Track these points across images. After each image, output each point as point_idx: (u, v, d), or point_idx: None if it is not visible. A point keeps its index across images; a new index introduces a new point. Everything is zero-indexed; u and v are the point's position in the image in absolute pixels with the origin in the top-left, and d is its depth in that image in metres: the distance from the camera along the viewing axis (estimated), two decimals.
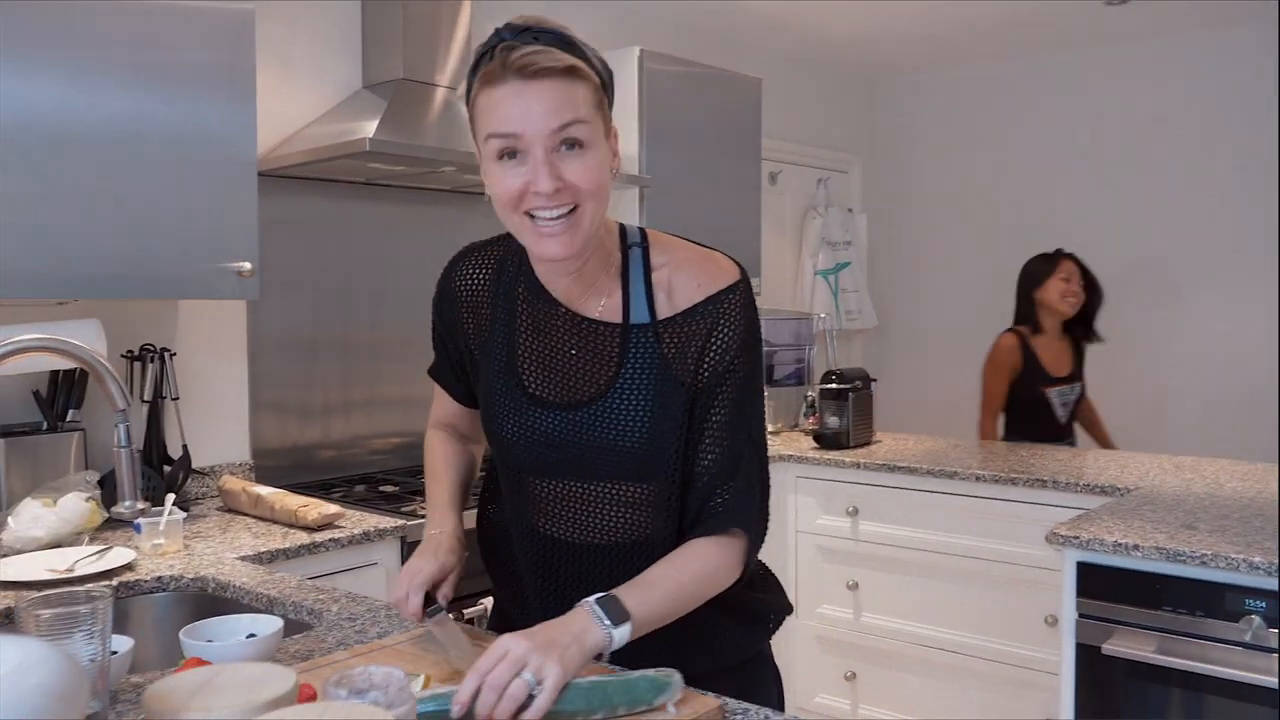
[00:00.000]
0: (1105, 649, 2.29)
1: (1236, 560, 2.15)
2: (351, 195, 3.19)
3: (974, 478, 3.16)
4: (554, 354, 1.43)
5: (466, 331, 1.53)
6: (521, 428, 1.42)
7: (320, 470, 3.10)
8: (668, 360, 1.38)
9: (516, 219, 1.32)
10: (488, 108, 1.29)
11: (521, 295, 1.46)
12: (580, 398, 1.40)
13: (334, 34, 3.15)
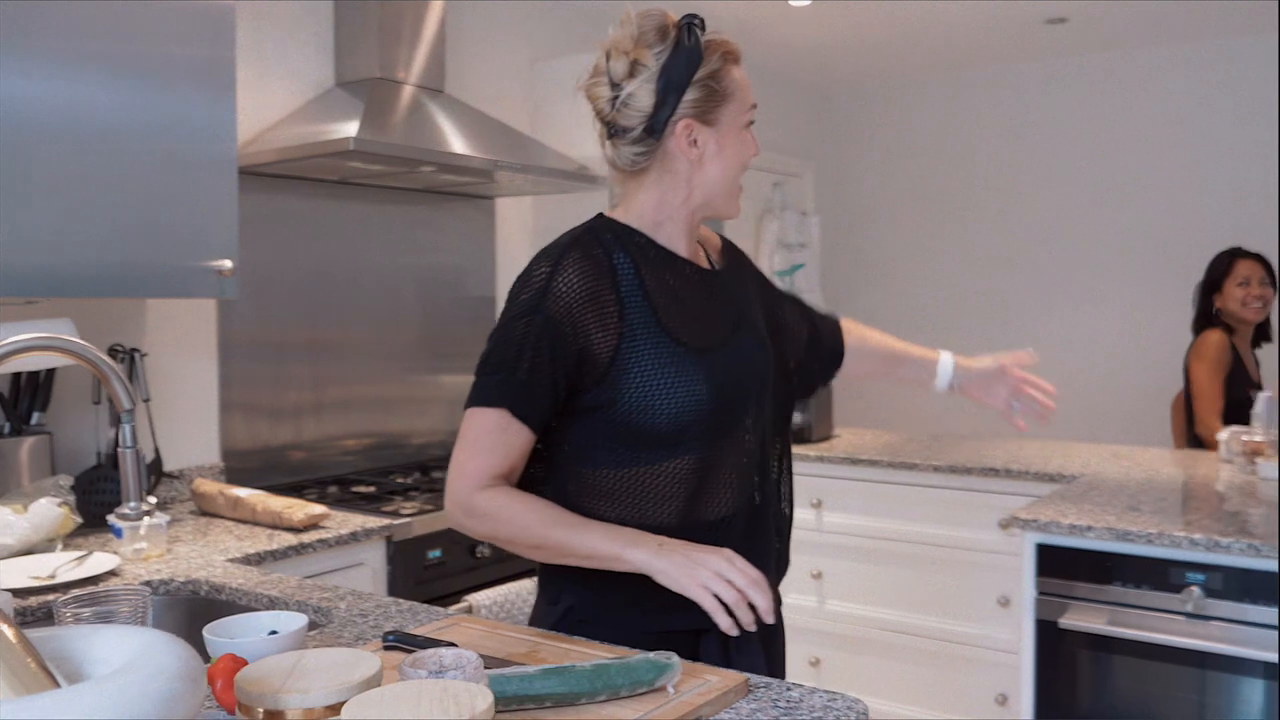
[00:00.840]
0: (1062, 623, 2.44)
1: (1179, 538, 2.31)
2: (324, 194, 3.19)
3: (931, 469, 3.31)
4: (694, 306, 1.54)
5: (588, 329, 1.44)
6: (706, 383, 1.48)
7: (291, 472, 3.10)
8: (740, 289, 1.64)
9: (736, 182, 1.56)
10: (743, 83, 1.53)
11: (645, 270, 1.50)
12: (724, 335, 1.55)
13: (306, 31, 3.15)
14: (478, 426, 1.45)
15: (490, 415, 1.44)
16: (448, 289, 3.58)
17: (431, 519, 2.63)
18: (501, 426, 1.44)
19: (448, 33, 3.38)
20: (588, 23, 4.11)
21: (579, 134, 3.67)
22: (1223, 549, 2.27)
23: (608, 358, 1.45)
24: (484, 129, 3.20)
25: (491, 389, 1.45)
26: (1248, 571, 2.28)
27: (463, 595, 2.64)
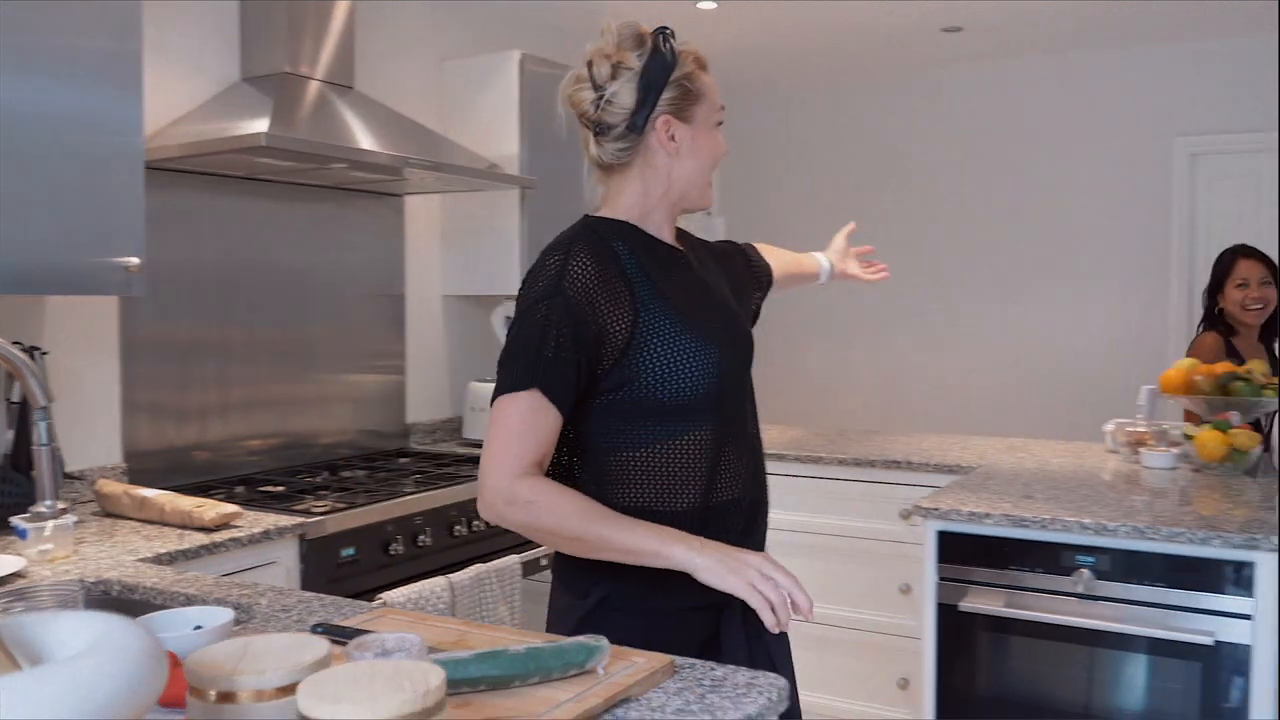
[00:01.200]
0: (962, 606, 2.55)
1: (1070, 523, 2.44)
2: (230, 190, 3.14)
3: (836, 462, 3.41)
4: (685, 288, 1.66)
5: (601, 311, 1.52)
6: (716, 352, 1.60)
7: (196, 472, 3.06)
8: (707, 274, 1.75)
9: (708, 176, 1.69)
10: (711, 86, 1.67)
11: (644, 258, 1.63)
12: (712, 314, 1.67)
13: (210, 25, 3.11)
14: (510, 413, 1.49)
15: (521, 399, 1.48)
16: (356, 287, 3.56)
17: (345, 517, 2.63)
18: (534, 408, 1.48)
19: (357, 30, 3.36)
20: (498, 22, 4.13)
21: (489, 133, 3.68)
22: (1110, 533, 2.40)
23: (625, 336, 1.53)
24: (394, 126, 3.20)
25: (519, 373, 1.49)
26: (1133, 553, 2.41)
27: (376, 593, 2.63)
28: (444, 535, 2.91)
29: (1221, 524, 2.38)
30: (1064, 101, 5.00)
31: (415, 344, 3.82)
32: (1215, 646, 2.33)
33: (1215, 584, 2.35)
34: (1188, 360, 3.37)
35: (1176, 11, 4.25)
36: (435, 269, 3.89)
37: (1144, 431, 3.28)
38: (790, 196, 5.73)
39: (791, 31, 4.58)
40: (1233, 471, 3.05)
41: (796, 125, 5.69)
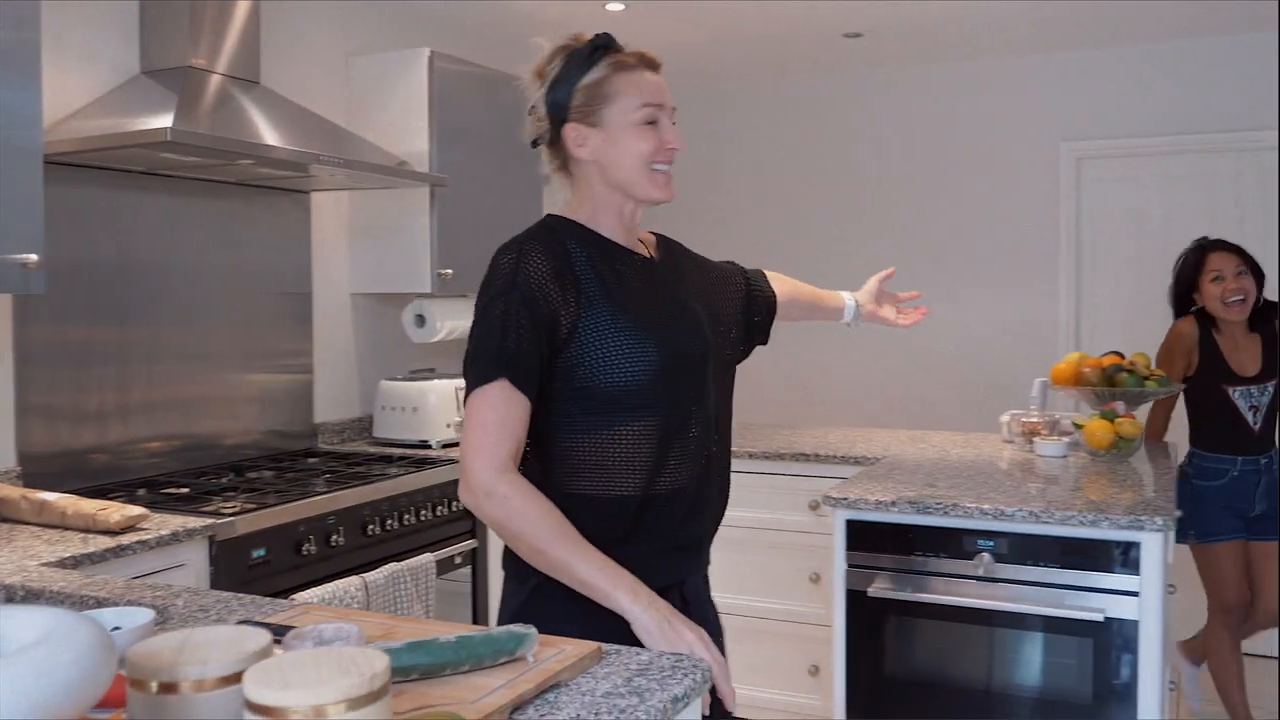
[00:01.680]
0: (870, 592, 2.64)
1: (971, 509, 2.54)
2: (130, 185, 3.06)
3: (746, 455, 3.47)
4: (639, 288, 1.70)
5: (554, 303, 1.59)
6: (656, 348, 1.63)
7: (94, 475, 2.96)
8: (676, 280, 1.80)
9: (645, 171, 1.68)
10: (633, 85, 1.68)
11: (596, 257, 1.67)
12: (667, 314, 1.71)
13: (109, 17, 3.02)
14: (483, 406, 1.55)
15: (491, 391, 1.55)
16: (262, 285, 3.50)
17: (256, 517, 2.59)
18: (505, 397, 1.55)
19: (262, 24, 3.31)
20: (405, 20, 4.10)
21: (398, 130, 3.66)
22: (1008, 518, 2.51)
23: (569, 328, 1.59)
24: (302, 122, 3.15)
25: (486, 366, 1.56)
26: (1029, 537, 2.52)
27: (289, 594, 2.60)
28: (357, 535, 2.88)
29: (1109, 508, 2.51)
30: (959, 107, 5.15)
31: (323, 343, 3.77)
32: (1105, 622, 2.46)
33: (1105, 564, 2.48)
34: (1076, 354, 3.52)
35: (1064, 22, 4.42)
36: (343, 267, 3.85)
37: (1037, 422, 3.42)
38: (697, 196, 5.79)
39: (698, 34, 4.63)
40: (1119, 458, 3.20)
41: (704, 125, 5.76)
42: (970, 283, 5.08)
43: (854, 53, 4.98)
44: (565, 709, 1.21)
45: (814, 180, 5.48)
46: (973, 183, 5.10)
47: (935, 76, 5.19)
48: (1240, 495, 3.48)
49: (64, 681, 0.66)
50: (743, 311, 1.96)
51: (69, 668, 0.68)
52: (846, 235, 5.37)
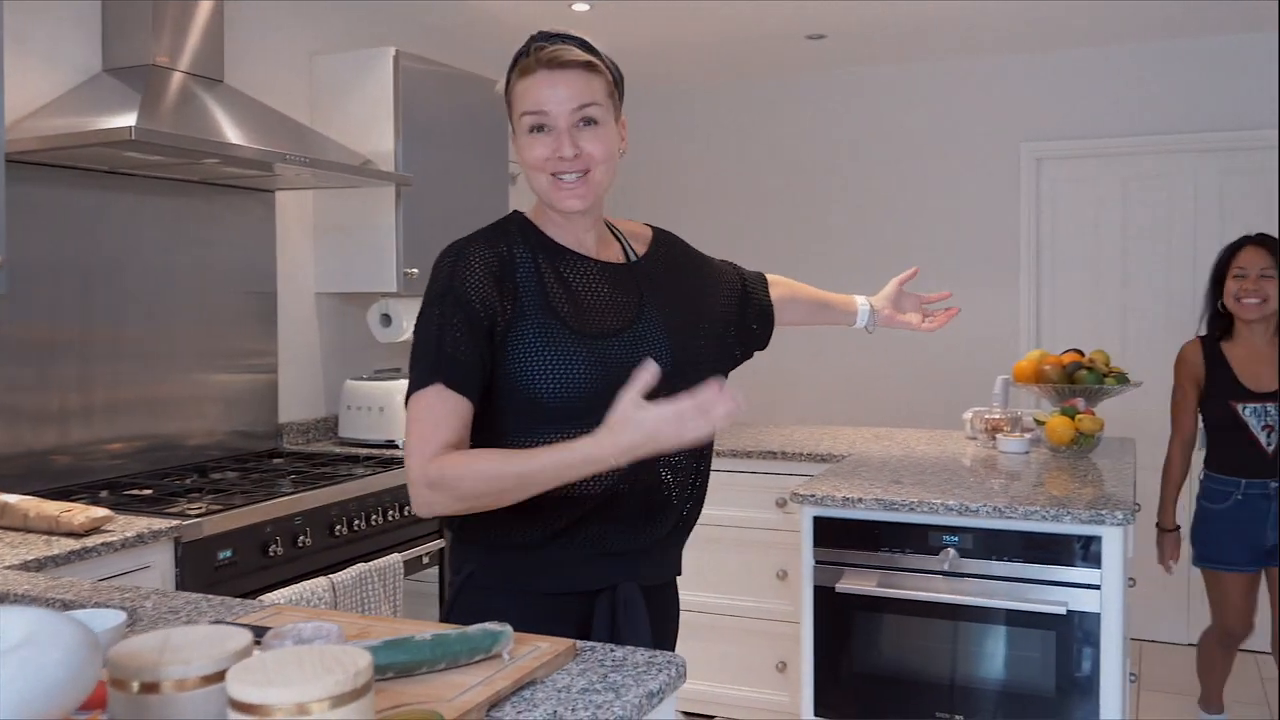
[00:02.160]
0: (838, 588, 2.66)
1: (936, 505, 2.58)
2: (92, 184, 3.02)
3: (714, 453, 3.48)
4: (590, 297, 1.66)
5: (492, 303, 1.57)
6: (585, 363, 1.58)
7: (56, 477, 2.92)
8: (660, 281, 1.75)
9: (544, 180, 1.62)
10: (523, 92, 1.61)
11: (543, 262, 1.64)
12: (621, 324, 1.66)
13: (70, 14, 2.99)
14: (418, 409, 1.54)
15: (426, 395, 1.54)
16: (226, 284, 3.47)
17: (222, 519, 2.58)
18: (439, 400, 1.53)
19: (226, 23, 3.28)
20: (370, 19, 4.08)
21: (363, 129, 3.64)
22: (972, 513, 2.55)
23: (502, 332, 1.57)
24: (266, 121, 3.13)
25: (422, 371, 1.55)
26: (993, 532, 2.56)
27: (257, 595, 2.59)
28: (324, 535, 2.87)
29: (1071, 502, 2.55)
30: (921, 108, 5.20)
31: (288, 342, 3.74)
32: (1067, 615, 2.50)
33: (1067, 558, 2.52)
34: (1037, 351, 3.58)
35: (1025, 24, 4.48)
36: (308, 266, 3.83)
37: (999, 419, 3.47)
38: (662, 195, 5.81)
39: (664, 35, 4.65)
40: (1080, 454, 3.25)
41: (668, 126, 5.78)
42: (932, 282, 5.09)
43: (817, 54, 5.01)
44: (541, 705, 1.22)
45: (776, 181, 5.51)
46: (934, 183, 5.15)
47: (897, 78, 5.24)
48: (1250, 523, 3.24)
49: (52, 681, 0.66)
50: (738, 316, 1.91)
51: (56, 668, 0.68)
52: (808, 235, 5.41)
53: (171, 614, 1.65)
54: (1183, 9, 4.23)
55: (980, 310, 5.05)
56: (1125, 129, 4.81)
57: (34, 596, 1.83)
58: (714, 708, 3.59)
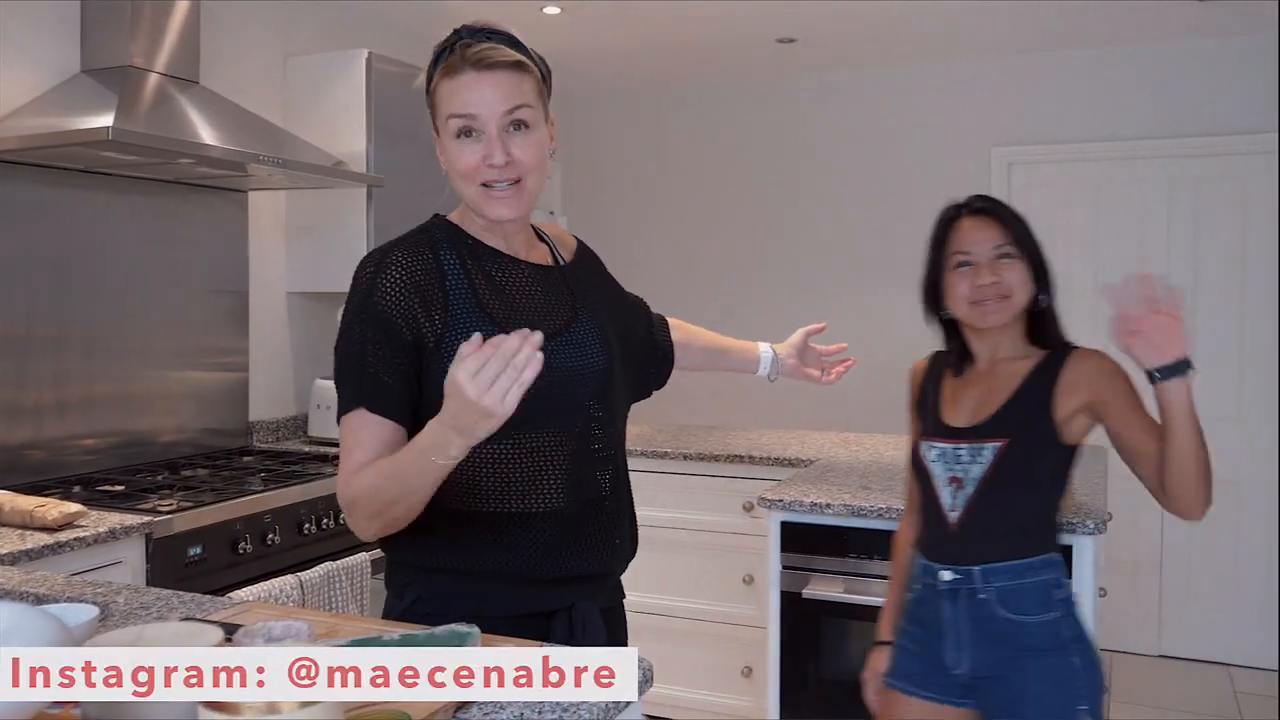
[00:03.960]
0: (805, 593, 2.69)
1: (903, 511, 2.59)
2: (67, 183, 3.03)
3: (681, 457, 3.52)
4: (524, 300, 1.60)
5: (416, 317, 1.50)
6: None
7: (29, 472, 2.93)
8: (590, 289, 1.72)
9: (473, 188, 1.54)
10: (449, 94, 1.52)
11: (472, 266, 1.58)
12: (557, 326, 1.61)
13: (49, 16, 3.01)
14: (345, 433, 1.50)
15: (352, 419, 1.49)
16: (198, 283, 3.48)
17: (193, 515, 2.59)
18: (363, 425, 1.48)
19: (202, 24, 3.29)
20: (344, 20, 4.09)
21: (336, 131, 3.65)
22: None
23: (434, 343, 1.51)
24: (240, 122, 3.15)
25: (347, 394, 1.51)
26: None
27: (225, 592, 2.59)
28: (293, 533, 2.88)
29: None
30: (891, 112, 5.24)
31: (259, 341, 3.74)
32: None
33: None
34: None
35: (996, 28, 4.52)
36: (280, 266, 3.83)
37: None
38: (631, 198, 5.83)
39: (635, 38, 4.67)
40: None
41: (638, 129, 5.80)
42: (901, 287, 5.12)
43: (787, 58, 5.04)
44: (509, 708, 1.23)
45: (744, 185, 5.54)
46: (904, 187, 5.18)
47: (868, 82, 5.28)
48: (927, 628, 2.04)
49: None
50: (645, 350, 1.88)
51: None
52: (778, 240, 5.44)
53: (143, 610, 1.66)
54: (1153, 13, 4.27)
55: None
56: (1097, 134, 4.84)
57: (8, 590, 1.83)
58: (679, 712, 3.61)
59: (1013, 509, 1.94)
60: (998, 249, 2.00)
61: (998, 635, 1.92)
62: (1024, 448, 1.92)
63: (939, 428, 2.04)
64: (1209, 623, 4.62)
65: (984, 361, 2.06)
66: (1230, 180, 4.63)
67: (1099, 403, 1.92)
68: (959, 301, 2.02)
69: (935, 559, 2.00)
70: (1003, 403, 1.97)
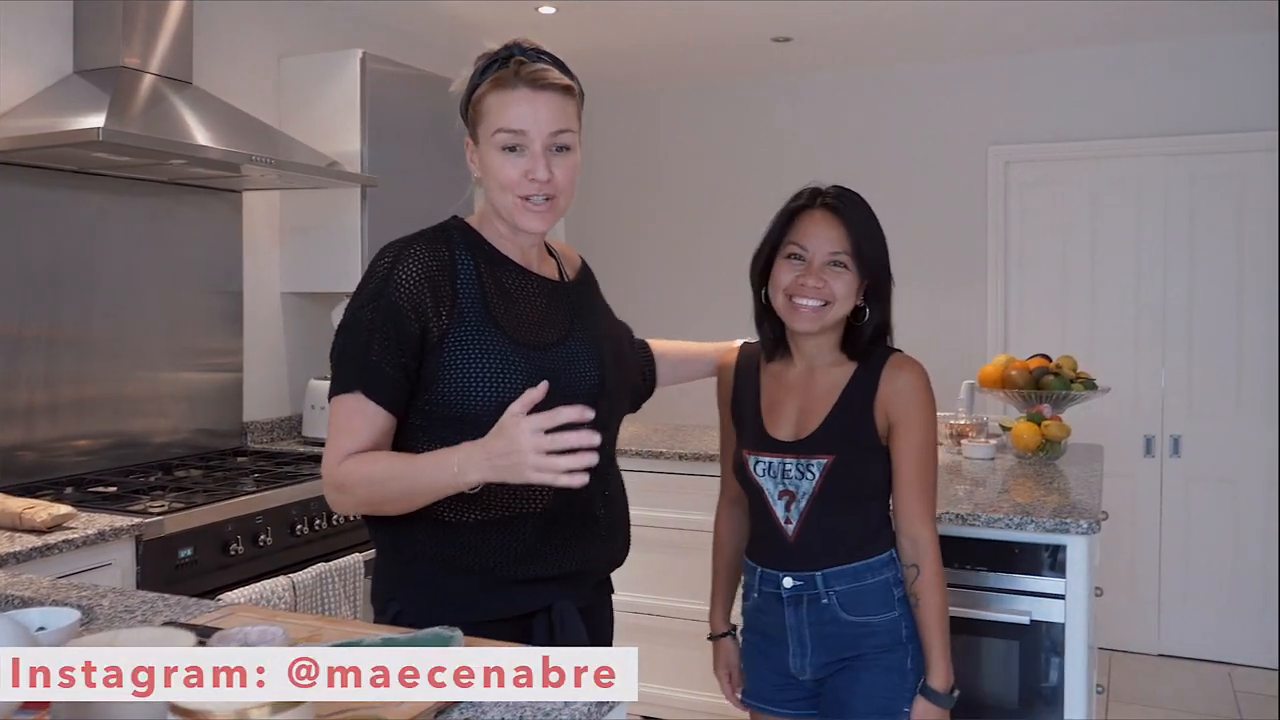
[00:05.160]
0: None
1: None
2: (60, 183, 3.02)
3: (677, 457, 3.50)
4: (529, 309, 1.65)
5: (425, 310, 1.54)
6: (523, 373, 1.56)
7: (22, 473, 2.92)
8: (590, 306, 1.77)
9: (510, 199, 1.60)
10: (499, 106, 1.58)
11: (484, 269, 1.63)
12: (556, 338, 1.66)
13: (42, 17, 3.01)
14: (339, 413, 1.56)
15: (347, 400, 1.55)
16: (192, 284, 3.47)
17: (184, 517, 2.58)
18: (358, 409, 1.54)
19: (195, 25, 3.29)
20: (338, 21, 4.08)
21: (330, 131, 3.64)
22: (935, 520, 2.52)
23: (438, 339, 1.55)
24: (234, 122, 3.14)
25: (346, 375, 1.56)
26: (957, 540, 2.52)
27: (216, 594, 2.58)
28: (285, 534, 2.86)
29: (1036, 510, 2.54)
30: (888, 111, 5.22)
31: (253, 342, 3.73)
32: (1032, 625, 2.48)
33: (1031, 567, 2.50)
34: (1003, 356, 3.59)
35: (992, 27, 4.51)
36: (274, 266, 3.82)
37: (965, 424, 3.48)
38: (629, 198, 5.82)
39: (630, 38, 4.65)
40: (1046, 460, 3.27)
41: (634, 129, 5.79)
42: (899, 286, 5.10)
43: (783, 57, 5.02)
44: (490, 711, 1.21)
45: (741, 185, 5.52)
46: (901, 187, 5.16)
47: (864, 81, 5.26)
48: (771, 635, 2.02)
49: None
50: (633, 370, 1.95)
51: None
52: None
53: (127, 613, 1.65)
54: (1152, 11, 4.25)
55: (948, 315, 5.07)
56: (1095, 132, 4.82)
57: None
58: (664, 710, 3.59)
59: (848, 517, 1.94)
60: (833, 254, 1.92)
61: (840, 638, 1.93)
62: (851, 461, 1.91)
63: (764, 440, 1.97)
64: (1208, 621, 4.60)
65: (802, 363, 2.00)
66: (1229, 178, 4.61)
67: (892, 420, 1.93)
68: (778, 291, 1.95)
69: (775, 566, 1.97)
70: (825, 416, 1.93)
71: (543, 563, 1.60)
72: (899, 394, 1.92)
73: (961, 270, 5.09)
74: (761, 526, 2.00)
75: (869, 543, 1.94)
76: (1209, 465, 4.62)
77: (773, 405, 1.99)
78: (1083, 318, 4.90)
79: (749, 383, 2.05)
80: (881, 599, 1.93)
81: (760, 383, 2.03)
